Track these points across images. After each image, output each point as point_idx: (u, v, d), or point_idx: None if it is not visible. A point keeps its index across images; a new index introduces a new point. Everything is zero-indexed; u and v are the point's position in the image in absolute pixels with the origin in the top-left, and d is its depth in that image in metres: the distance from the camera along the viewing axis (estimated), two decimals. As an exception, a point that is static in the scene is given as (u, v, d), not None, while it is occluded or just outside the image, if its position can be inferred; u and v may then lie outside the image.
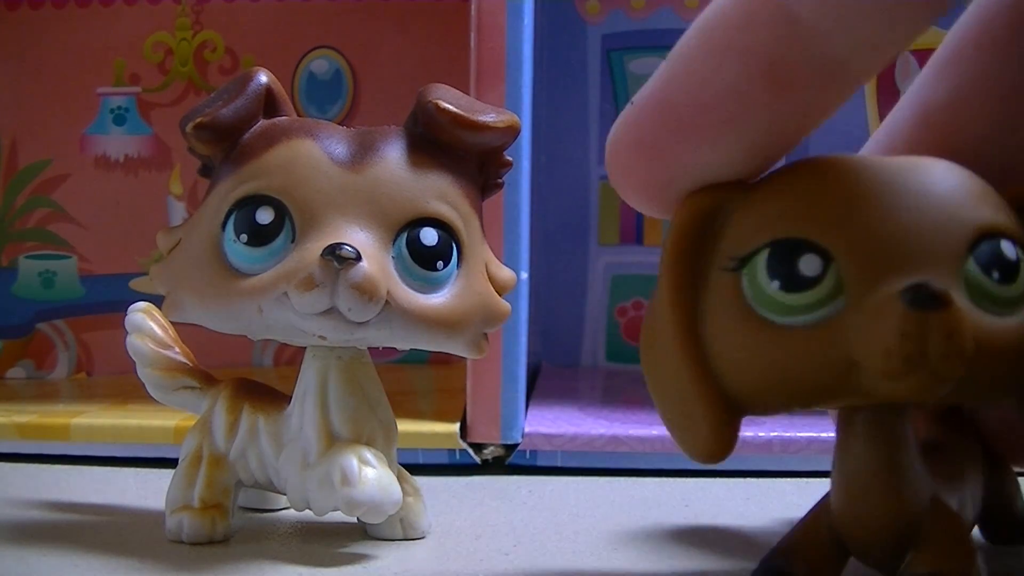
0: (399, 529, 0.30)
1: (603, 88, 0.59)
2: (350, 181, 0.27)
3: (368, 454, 0.28)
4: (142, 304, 0.32)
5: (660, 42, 0.58)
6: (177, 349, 0.32)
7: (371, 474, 0.28)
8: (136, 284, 0.57)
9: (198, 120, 0.28)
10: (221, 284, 0.27)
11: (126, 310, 0.32)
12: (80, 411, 0.43)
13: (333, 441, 0.28)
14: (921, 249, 0.21)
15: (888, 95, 0.57)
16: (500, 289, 0.30)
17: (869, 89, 0.57)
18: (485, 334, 0.30)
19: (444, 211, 0.28)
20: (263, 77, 0.29)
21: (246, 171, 0.28)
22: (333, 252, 0.26)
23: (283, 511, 0.33)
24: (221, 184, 0.28)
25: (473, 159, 0.29)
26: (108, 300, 0.57)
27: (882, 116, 0.57)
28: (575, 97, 0.59)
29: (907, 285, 0.20)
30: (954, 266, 0.21)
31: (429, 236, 0.28)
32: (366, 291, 0.26)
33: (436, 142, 0.28)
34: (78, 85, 0.58)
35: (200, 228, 0.28)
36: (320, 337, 0.27)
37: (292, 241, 0.27)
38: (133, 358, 0.32)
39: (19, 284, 0.57)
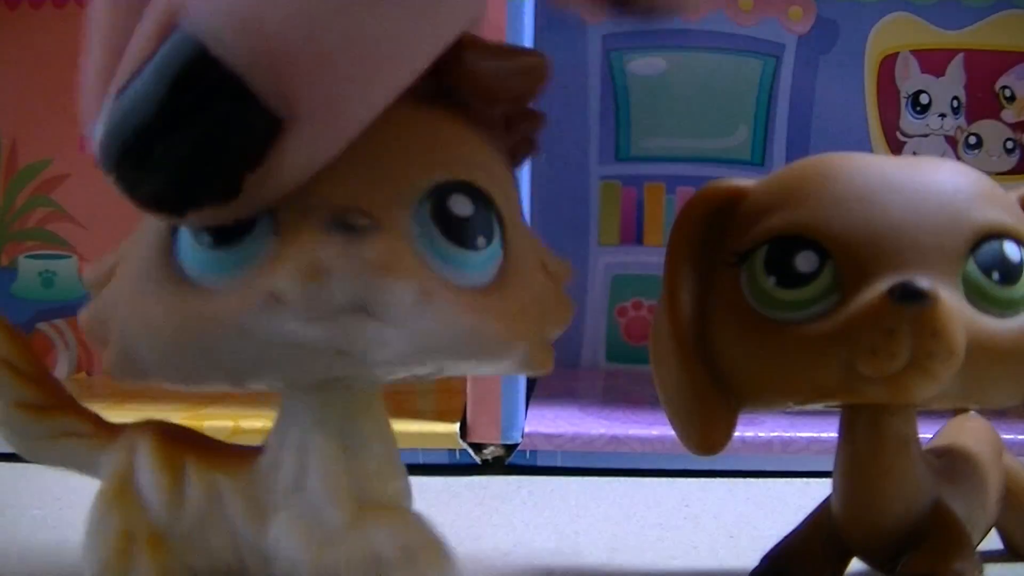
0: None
1: (603, 88, 0.59)
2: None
3: (421, 526, 0.20)
4: None
5: (660, 42, 0.58)
6: (54, 375, 0.23)
7: (429, 557, 0.20)
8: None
9: None
10: (180, 307, 0.19)
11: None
12: (80, 411, 0.42)
13: (358, 503, 0.20)
14: (917, 248, 0.21)
15: (888, 95, 0.57)
16: (555, 280, 0.22)
17: (870, 89, 0.57)
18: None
19: (476, 174, 0.20)
20: None
21: None
22: (342, 222, 0.18)
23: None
24: None
25: (498, 115, 0.22)
26: (108, 300, 0.57)
27: (882, 116, 0.57)
28: (575, 97, 0.59)
29: (894, 283, 0.20)
30: (952, 266, 0.21)
31: (462, 205, 0.19)
32: (387, 267, 0.18)
33: (455, 94, 0.21)
34: (78, 85, 0.58)
35: (141, 243, 0.20)
36: (337, 354, 0.18)
37: (274, 232, 0.18)
38: None
39: (19, 284, 0.57)
